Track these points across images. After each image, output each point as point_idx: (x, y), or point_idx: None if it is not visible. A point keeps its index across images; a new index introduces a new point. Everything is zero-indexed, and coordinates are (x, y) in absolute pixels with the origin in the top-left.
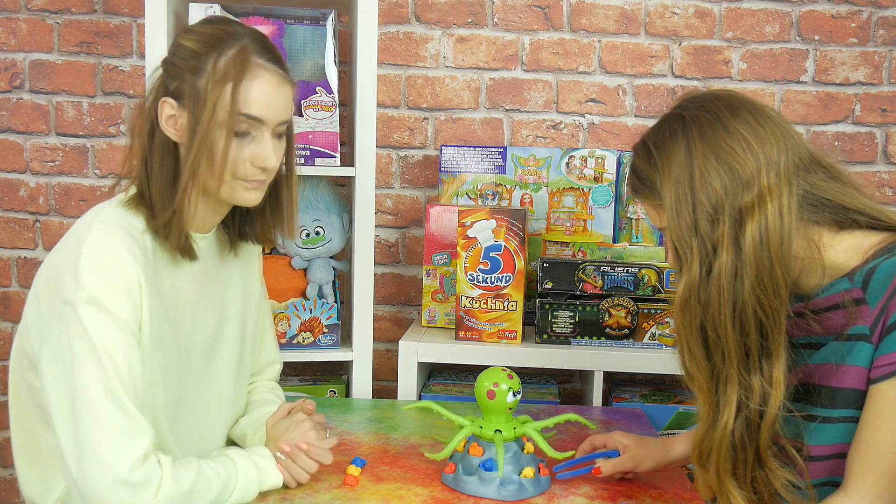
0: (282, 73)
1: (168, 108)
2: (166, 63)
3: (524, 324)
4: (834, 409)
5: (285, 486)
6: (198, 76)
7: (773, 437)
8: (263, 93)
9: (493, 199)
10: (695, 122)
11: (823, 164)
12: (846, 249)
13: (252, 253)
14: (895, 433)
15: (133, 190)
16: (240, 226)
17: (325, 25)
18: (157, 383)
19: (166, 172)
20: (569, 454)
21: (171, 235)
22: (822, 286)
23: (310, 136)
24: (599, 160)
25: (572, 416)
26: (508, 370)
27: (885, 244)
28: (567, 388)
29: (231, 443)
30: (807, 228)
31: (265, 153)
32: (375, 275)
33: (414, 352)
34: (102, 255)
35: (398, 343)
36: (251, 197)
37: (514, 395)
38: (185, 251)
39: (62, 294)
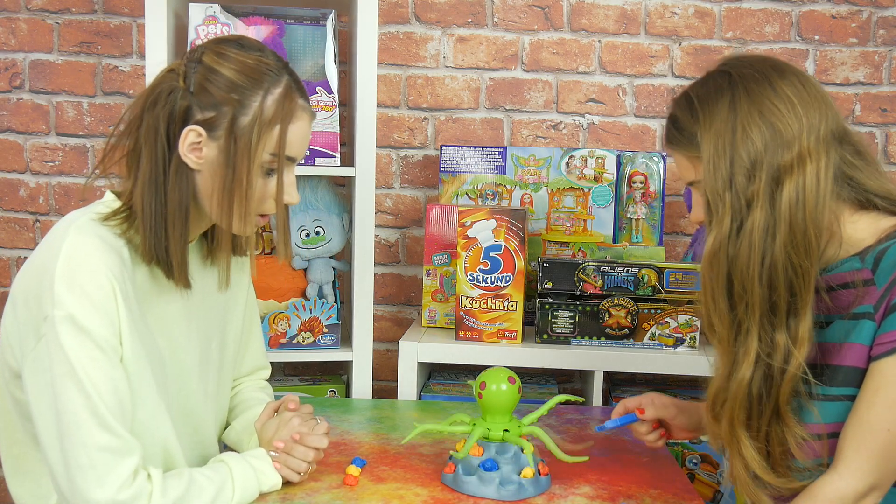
0: (312, 110)
1: (194, 135)
2: (197, 87)
3: (524, 324)
4: (833, 387)
5: (288, 483)
6: (241, 113)
7: (793, 392)
8: (303, 134)
9: (493, 199)
10: (742, 79)
11: (852, 141)
12: (864, 227)
13: (238, 259)
14: (891, 410)
15: (114, 202)
16: (214, 236)
17: (325, 25)
18: (152, 397)
19: (183, 200)
20: (582, 459)
21: (173, 264)
22: (836, 261)
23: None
24: (599, 160)
25: (561, 398)
26: (489, 369)
27: None
28: (567, 388)
29: (226, 449)
30: (832, 200)
31: (291, 191)
32: (375, 275)
33: (414, 352)
34: (77, 268)
35: (398, 343)
36: (253, 229)
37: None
38: (183, 281)
39: (40, 308)
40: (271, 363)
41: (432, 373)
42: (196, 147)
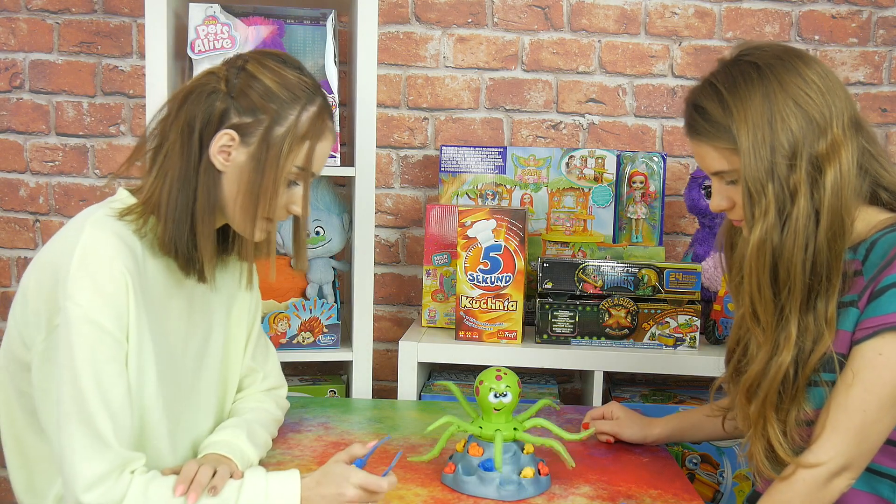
0: (336, 132)
1: (227, 139)
2: (238, 91)
3: (524, 324)
4: (817, 373)
5: None
6: (277, 123)
7: (816, 372)
8: (326, 153)
9: (493, 199)
10: (771, 69)
11: (867, 128)
12: (861, 219)
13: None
14: (868, 392)
15: (129, 198)
16: (224, 240)
17: (325, 25)
18: (152, 393)
19: (212, 199)
20: (589, 432)
21: (203, 260)
22: None
23: None
24: (599, 160)
25: (546, 402)
26: (503, 370)
27: (893, 222)
28: (567, 388)
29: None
30: (857, 185)
31: (301, 202)
32: (375, 275)
33: (414, 352)
34: (92, 262)
35: (398, 343)
36: (261, 234)
37: (497, 397)
38: (210, 275)
39: (55, 300)
40: None
41: (432, 373)
42: (226, 150)
